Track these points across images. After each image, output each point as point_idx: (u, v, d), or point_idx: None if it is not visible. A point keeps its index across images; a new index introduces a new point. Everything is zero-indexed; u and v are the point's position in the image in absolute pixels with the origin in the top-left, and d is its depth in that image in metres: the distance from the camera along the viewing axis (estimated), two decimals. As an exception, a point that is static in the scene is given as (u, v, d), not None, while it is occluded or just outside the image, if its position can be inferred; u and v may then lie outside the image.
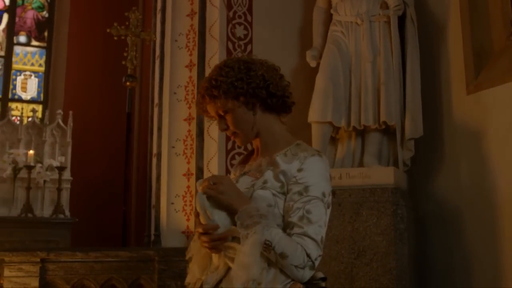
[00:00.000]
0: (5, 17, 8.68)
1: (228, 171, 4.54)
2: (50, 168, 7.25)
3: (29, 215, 6.89)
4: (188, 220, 4.80)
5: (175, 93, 5.03)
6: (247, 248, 1.66)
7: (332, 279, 3.79)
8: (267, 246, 1.68)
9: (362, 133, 4.34)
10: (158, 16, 5.25)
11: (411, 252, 3.92)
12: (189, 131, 4.98)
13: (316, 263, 1.74)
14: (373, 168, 4.04)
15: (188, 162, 4.91)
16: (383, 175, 3.94)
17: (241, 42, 4.76)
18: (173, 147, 4.99)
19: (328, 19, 4.58)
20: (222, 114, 1.90)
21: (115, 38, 5.09)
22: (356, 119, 4.24)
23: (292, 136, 1.98)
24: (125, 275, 4.18)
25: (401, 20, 4.37)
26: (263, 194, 1.79)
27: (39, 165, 7.17)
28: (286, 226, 1.76)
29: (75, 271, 4.11)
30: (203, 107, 1.95)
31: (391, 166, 4.15)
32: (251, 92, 1.87)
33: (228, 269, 1.75)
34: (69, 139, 7.53)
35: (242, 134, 1.92)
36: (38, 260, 4.18)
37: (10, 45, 8.62)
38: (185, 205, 4.86)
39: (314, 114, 4.26)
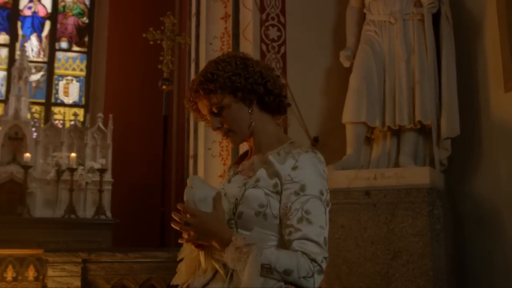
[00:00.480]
0: (47, 24, 8.95)
1: (263, 172, 4.58)
2: (91, 170, 7.45)
3: (72, 216, 7.09)
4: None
5: (211, 95, 5.08)
6: (247, 280, 1.57)
7: (367, 280, 3.79)
8: (268, 269, 1.61)
9: (397, 133, 4.31)
10: (193, 20, 5.33)
11: (448, 253, 3.87)
12: (224, 132, 5.04)
13: (324, 265, 1.65)
14: (408, 168, 4.00)
15: (224, 164, 4.96)
16: (419, 175, 3.89)
17: (275, 44, 4.79)
18: (209, 149, 5.05)
19: (362, 18, 4.56)
20: (215, 111, 1.81)
21: (151, 42, 5.19)
22: (390, 119, 4.21)
23: (286, 136, 1.90)
24: (164, 275, 4.24)
25: (436, 18, 4.32)
26: (255, 193, 1.71)
27: (81, 167, 7.38)
28: (285, 229, 1.68)
29: (115, 271, 4.20)
30: (193, 105, 1.86)
31: (427, 166, 4.10)
32: (249, 87, 1.79)
33: (216, 272, 1.70)
34: (109, 141, 7.71)
35: (237, 133, 1.83)
36: (80, 260, 4.30)
37: (52, 51, 8.89)
38: (222, 206, 4.91)
39: (348, 115, 4.25)
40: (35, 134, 7.48)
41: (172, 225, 1.71)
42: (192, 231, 1.67)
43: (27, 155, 6.96)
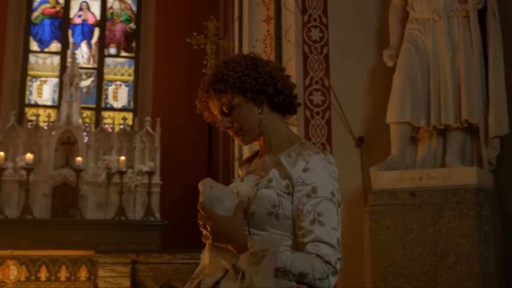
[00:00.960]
0: (97, 31, 9.21)
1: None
2: (140, 173, 7.61)
3: (122, 218, 7.27)
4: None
5: (254, 98, 5.11)
6: (261, 282, 1.60)
7: (414, 282, 3.74)
8: (283, 272, 1.64)
9: (443, 132, 4.23)
10: (236, 23, 5.38)
11: (498, 255, 3.78)
12: (268, 135, 5.06)
13: (338, 266, 1.67)
14: (454, 168, 3.93)
15: (269, 166, 4.98)
16: (465, 175, 3.82)
17: (317, 45, 4.78)
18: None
19: (405, 16, 4.51)
20: (226, 111, 1.83)
21: (195, 47, 5.27)
22: (436, 118, 4.14)
23: (296, 136, 1.90)
24: (211, 276, 4.30)
25: (481, 13, 4.22)
26: (267, 193, 1.73)
27: (130, 170, 7.55)
28: (298, 231, 1.70)
29: (163, 272, 4.30)
30: (204, 105, 1.89)
31: (474, 166, 4.01)
32: (259, 88, 1.80)
33: (226, 271, 1.71)
34: (157, 144, 7.87)
35: (247, 132, 1.84)
36: (129, 261, 4.42)
37: (101, 57, 9.13)
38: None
39: (392, 115, 4.21)
40: (86, 138, 7.71)
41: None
42: (209, 232, 1.70)
43: (79, 159, 7.18)
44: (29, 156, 6.93)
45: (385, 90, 4.45)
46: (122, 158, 7.46)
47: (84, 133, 7.73)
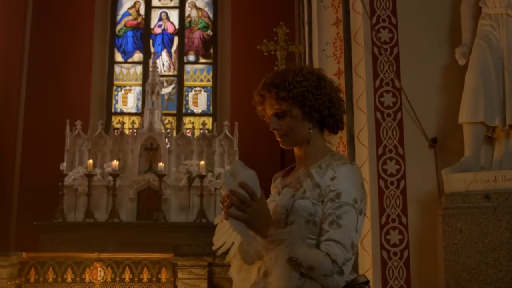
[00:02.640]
0: (176, 40, 9.55)
1: (379, 177, 4.54)
2: (220, 176, 7.82)
3: (203, 220, 7.50)
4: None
5: (325, 101, 5.12)
6: (278, 271, 1.77)
7: (490, 288, 3.62)
8: (295, 263, 1.77)
9: (521, 131, 4.06)
10: (306, 27, 5.42)
11: None
12: (340, 137, 5.05)
13: (345, 268, 1.77)
14: (532, 169, 3.76)
15: (341, 167, 4.98)
16: (544, 177, 3.65)
17: (387, 46, 4.72)
18: (327, 152, 5.10)
19: (477, 12, 4.34)
20: (280, 115, 1.96)
21: (265, 53, 5.36)
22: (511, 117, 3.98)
23: (328, 148, 2.03)
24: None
25: (559, 6, 4.01)
26: (303, 203, 1.87)
27: (210, 174, 7.78)
28: (321, 232, 1.83)
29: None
30: (261, 100, 2.00)
31: (556, 167, 3.82)
32: (316, 107, 1.93)
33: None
34: (236, 148, 8.05)
35: (291, 139, 1.97)
36: (206, 264, 4.58)
37: (181, 64, 9.47)
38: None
39: (464, 115, 4.08)
40: (168, 144, 8.03)
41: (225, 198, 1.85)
42: (245, 212, 1.80)
43: (161, 164, 7.50)
44: (115, 163, 7.32)
45: (459, 88, 4.31)
46: (202, 162, 7.70)
47: (166, 139, 8.05)
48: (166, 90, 9.31)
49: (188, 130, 8.60)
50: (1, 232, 8.05)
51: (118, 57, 9.47)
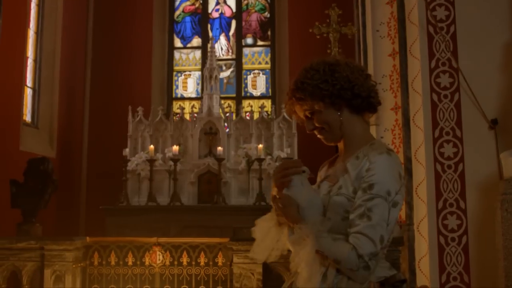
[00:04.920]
0: (233, 23, 9.57)
1: (436, 160, 4.41)
2: (278, 159, 7.83)
3: (262, 203, 7.55)
4: (400, 209, 4.79)
5: (380, 83, 5.02)
6: (305, 260, 1.80)
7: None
8: (322, 255, 1.78)
9: None
10: (359, 8, 5.30)
11: None
12: (396, 120, 4.95)
13: (371, 263, 1.74)
14: None
15: (398, 152, 4.88)
16: None
17: (443, 24, 4.54)
18: (382, 137, 5.00)
19: (541, -15, 4.11)
20: (309, 115, 1.97)
21: (317, 37, 5.29)
22: None
23: (369, 136, 1.99)
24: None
25: None
26: (339, 200, 1.86)
27: (269, 157, 7.80)
28: (350, 222, 1.80)
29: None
30: (291, 109, 2.03)
31: None
32: (336, 93, 1.90)
33: None
34: (294, 130, 8.01)
35: (329, 132, 1.96)
36: (262, 248, 4.61)
37: (239, 48, 9.50)
38: (396, 194, 4.84)
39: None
40: (227, 128, 8.10)
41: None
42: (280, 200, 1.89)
43: (220, 148, 7.58)
44: (175, 148, 7.47)
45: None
46: (260, 146, 7.72)
47: (225, 123, 8.12)
48: (225, 74, 9.38)
49: (247, 113, 8.64)
50: (72, 216, 8.45)
51: (177, 42, 9.61)
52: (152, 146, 7.62)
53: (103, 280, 4.56)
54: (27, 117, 7.84)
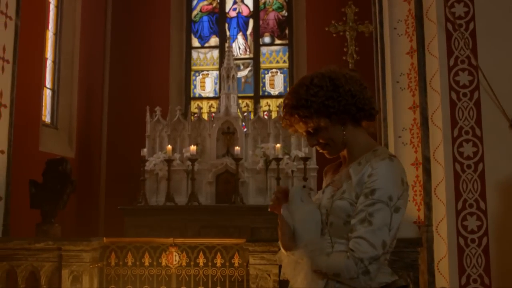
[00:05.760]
0: (251, 22, 9.55)
1: (455, 159, 4.33)
2: (297, 158, 7.79)
3: (281, 203, 7.50)
4: (418, 210, 4.71)
5: (397, 82, 4.94)
6: (302, 283, 1.82)
7: None
8: (321, 273, 1.80)
9: None
10: (376, 5, 5.22)
11: None
12: (414, 119, 4.87)
13: (371, 267, 1.73)
14: None
15: (416, 152, 4.81)
16: None
17: (462, 21, 4.45)
18: (400, 136, 4.93)
19: (563, -20, 4.00)
20: (312, 131, 1.96)
21: (334, 35, 5.23)
22: None
23: (372, 143, 2.00)
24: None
25: None
26: (341, 204, 1.86)
27: (287, 156, 7.76)
28: (351, 227, 1.80)
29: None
30: (289, 123, 2.00)
31: None
32: (342, 109, 1.90)
33: None
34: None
35: (333, 147, 1.97)
36: (277, 249, 4.57)
37: (257, 47, 9.47)
38: (415, 194, 4.76)
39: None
40: (245, 128, 8.08)
41: None
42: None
43: (237, 148, 7.57)
44: (192, 148, 7.48)
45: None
46: (278, 145, 7.70)
47: (243, 123, 8.10)
48: (243, 73, 9.36)
49: (265, 113, 8.61)
50: (92, 216, 8.52)
51: (195, 42, 9.62)
52: (169, 146, 7.64)
53: (120, 281, 4.58)
54: (47, 118, 7.92)
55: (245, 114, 8.33)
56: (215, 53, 9.53)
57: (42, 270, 4.43)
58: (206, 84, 9.45)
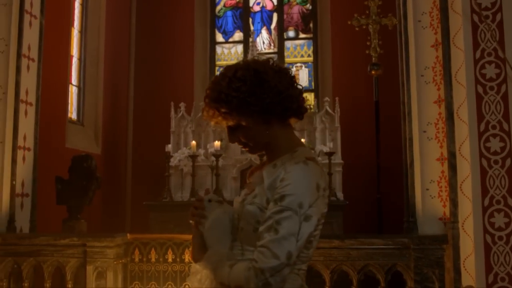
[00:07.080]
0: (275, 16, 9.49)
1: (481, 155, 4.23)
2: (321, 153, 7.72)
3: (304, 198, 7.46)
4: (444, 206, 4.62)
5: (422, 75, 4.85)
6: None
7: None
8: (224, 285, 1.68)
9: None
10: (400, -3, 5.12)
11: None
12: (439, 113, 4.77)
13: (273, 279, 1.60)
14: None
15: (441, 147, 4.71)
16: None
17: (488, 12, 4.33)
18: (424, 131, 4.83)
19: None
20: (232, 127, 1.81)
21: (357, 29, 5.15)
22: None
23: (296, 143, 1.83)
24: (381, 262, 4.25)
25: None
26: (251, 209, 1.72)
27: (312, 151, 7.70)
28: (258, 235, 1.68)
29: (334, 257, 4.32)
30: (211, 116, 1.84)
31: None
32: (265, 107, 1.73)
33: None
34: (337, 124, 7.89)
35: (254, 147, 1.84)
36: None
37: (281, 41, 9.41)
38: (441, 190, 4.67)
39: None
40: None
41: None
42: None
43: (261, 143, 7.53)
44: (217, 143, 7.47)
45: None
46: (303, 140, 7.63)
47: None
48: (267, 67, 9.30)
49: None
50: (118, 212, 8.60)
51: (219, 37, 9.61)
52: (194, 142, 7.65)
53: (144, 277, 4.60)
54: (73, 115, 8.01)
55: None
56: (239, 48, 9.51)
57: (67, 266, 4.48)
58: (231, 80, 9.43)
